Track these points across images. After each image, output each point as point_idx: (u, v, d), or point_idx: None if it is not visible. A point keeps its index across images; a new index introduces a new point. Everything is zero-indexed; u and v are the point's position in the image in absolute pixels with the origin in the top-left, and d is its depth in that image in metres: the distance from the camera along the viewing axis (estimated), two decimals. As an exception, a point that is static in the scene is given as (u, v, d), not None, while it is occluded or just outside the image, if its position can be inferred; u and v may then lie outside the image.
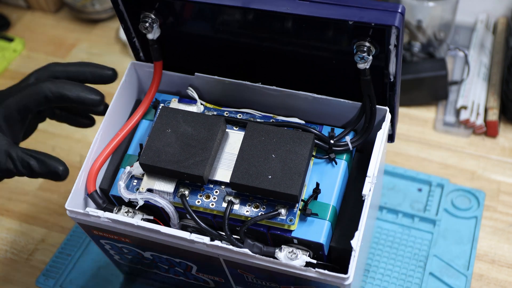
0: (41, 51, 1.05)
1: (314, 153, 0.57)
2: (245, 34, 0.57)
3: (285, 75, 0.59)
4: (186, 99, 0.61)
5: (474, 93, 0.89)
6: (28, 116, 0.57)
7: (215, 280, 0.62)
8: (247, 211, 0.54)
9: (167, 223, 0.58)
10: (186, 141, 0.55)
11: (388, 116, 0.57)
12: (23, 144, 0.61)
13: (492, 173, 0.82)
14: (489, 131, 0.86)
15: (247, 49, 0.58)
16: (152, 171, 0.55)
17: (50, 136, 0.90)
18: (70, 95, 0.56)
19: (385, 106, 0.57)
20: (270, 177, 0.52)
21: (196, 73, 0.60)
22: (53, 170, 0.54)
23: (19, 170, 0.54)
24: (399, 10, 0.49)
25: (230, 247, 0.52)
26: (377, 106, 0.57)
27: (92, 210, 0.54)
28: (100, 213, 0.54)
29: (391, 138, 0.62)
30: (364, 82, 0.54)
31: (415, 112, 0.90)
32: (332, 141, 0.56)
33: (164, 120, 0.56)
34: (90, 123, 0.66)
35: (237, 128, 0.58)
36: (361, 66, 0.52)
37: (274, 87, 0.58)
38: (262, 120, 0.59)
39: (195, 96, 0.60)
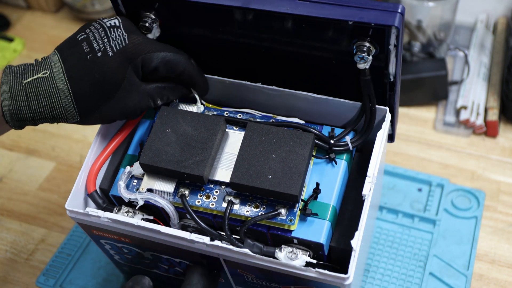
0: (41, 51, 1.05)
1: (314, 153, 0.57)
2: (245, 34, 0.57)
3: (285, 75, 0.59)
4: (186, 99, 0.61)
5: (474, 93, 0.89)
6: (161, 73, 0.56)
7: (215, 280, 0.62)
8: (247, 211, 0.54)
9: (167, 223, 0.58)
10: (186, 141, 0.55)
11: (388, 116, 0.57)
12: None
13: (492, 173, 0.82)
14: (489, 131, 0.86)
15: (247, 49, 0.58)
16: (152, 171, 0.55)
17: (50, 136, 0.90)
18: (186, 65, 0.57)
19: (385, 106, 0.57)
20: (270, 177, 0.52)
21: (196, 73, 0.60)
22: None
23: (157, 103, 0.57)
24: (399, 10, 0.49)
25: (230, 247, 0.52)
26: (377, 106, 0.57)
27: (92, 210, 0.54)
28: (100, 213, 0.54)
29: (391, 138, 0.62)
30: (364, 82, 0.54)
31: (415, 112, 0.90)
32: (332, 141, 0.56)
33: (164, 120, 0.56)
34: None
35: (237, 128, 0.58)
36: (361, 66, 0.52)
37: (274, 87, 0.58)
38: (262, 120, 0.59)
39: (195, 96, 0.60)
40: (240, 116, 0.59)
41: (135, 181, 0.57)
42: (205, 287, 0.57)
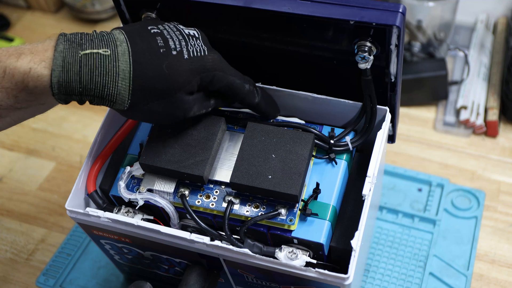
0: (41, 51, 1.05)
1: (314, 153, 0.57)
2: (246, 34, 0.57)
3: (286, 75, 0.59)
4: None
5: (474, 93, 0.89)
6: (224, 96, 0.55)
7: (215, 280, 0.62)
8: (247, 211, 0.54)
9: (167, 223, 0.58)
10: (186, 141, 0.55)
11: (388, 116, 0.57)
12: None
13: (492, 173, 0.82)
14: (489, 131, 0.86)
15: (248, 49, 0.58)
16: (152, 171, 0.55)
17: (50, 136, 0.90)
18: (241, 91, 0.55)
19: (385, 106, 0.57)
20: (270, 177, 0.52)
21: (196, 73, 0.60)
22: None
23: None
24: (400, 10, 0.49)
25: (230, 247, 0.52)
26: (377, 106, 0.57)
27: (92, 210, 0.54)
28: (100, 213, 0.54)
29: (391, 138, 0.62)
30: (365, 82, 0.54)
31: (415, 112, 0.90)
32: (332, 141, 0.56)
33: (164, 120, 0.56)
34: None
35: (237, 128, 0.58)
36: (362, 66, 0.52)
37: (274, 87, 0.58)
38: (262, 120, 0.59)
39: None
40: (240, 116, 0.59)
41: (135, 181, 0.57)
42: (202, 287, 0.57)
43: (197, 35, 0.52)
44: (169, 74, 0.49)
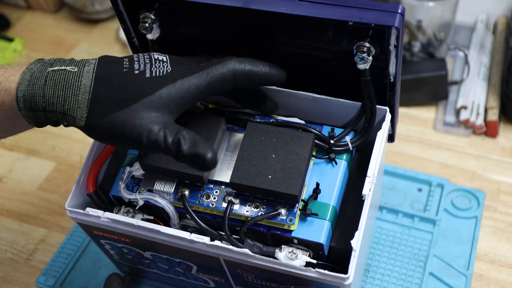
0: (41, 51, 1.05)
1: (314, 153, 0.57)
2: (245, 34, 0.57)
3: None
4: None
5: (474, 93, 0.89)
6: (207, 95, 0.52)
7: (215, 280, 0.62)
8: (247, 211, 0.54)
9: (167, 223, 0.58)
10: (186, 141, 0.55)
11: (388, 116, 0.57)
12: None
13: (492, 173, 0.82)
14: (489, 131, 0.86)
15: (247, 50, 0.58)
16: (152, 171, 0.55)
17: (50, 136, 0.90)
18: (258, 70, 0.52)
19: (385, 106, 0.57)
20: (270, 177, 0.52)
21: (196, 73, 0.60)
22: (202, 154, 0.48)
23: (168, 145, 0.49)
24: (399, 11, 0.49)
25: (230, 247, 0.52)
26: (377, 106, 0.57)
27: (92, 210, 0.54)
28: (100, 213, 0.54)
29: (391, 138, 0.62)
30: (364, 83, 0.54)
31: (415, 112, 0.90)
32: (332, 141, 0.56)
33: (164, 120, 0.56)
34: (276, 106, 0.59)
35: (237, 128, 0.58)
36: (361, 66, 0.52)
37: (274, 87, 0.58)
38: (262, 120, 0.59)
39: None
40: (240, 116, 0.59)
41: (135, 181, 0.57)
42: None
43: (165, 60, 0.51)
44: (128, 84, 0.49)
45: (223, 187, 0.56)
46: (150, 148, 0.49)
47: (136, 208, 0.57)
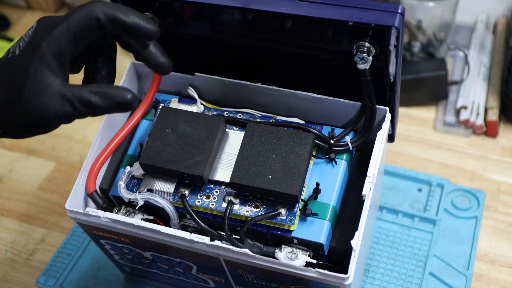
0: (41, 51, 1.05)
1: (314, 153, 0.57)
2: (245, 34, 0.57)
3: (285, 75, 0.59)
4: (186, 99, 0.61)
5: (474, 93, 0.89)
6: (79, 47, 0.48)
7: (215, 280, 0.62)
8: (247, 211, 0.54)
9: (167, 223, 0.58)
10: (186, 141, 0.55)
11: (388, 116, 0.57)
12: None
13: (492, 173, 0.82)
14: (489, 131, 0.86)
15: (247, 49, 0.58)
16: (152, 171, 0.55)
17: (50, 136, 0.90)
18: (126, 19, 0.47)
19: (385, 106, 0.57)
20: (270, 177, 0.52)
21: (196, 73, 0.60)
22: (120, 100, 0.46)
23: (79, 110, 0.46)
24: (399, 11, 0.49)
25: (230, 247, 0.52)
26: (377, 106, 0.57)
27: (92, 210, 0.54)
28: (100, 213, 0.54)
29: (391, 138, 0.62)
30: (364, 83, 0.54)
31: (415, 112, 0.90)
32: (332, 141, 0.56)
33: (164, 120, 0.56)
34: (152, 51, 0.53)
35: (237, 128, 0.58)
36: (361, 66, 0.52)
37: (274, 87, 0.58)
38: (262, 120, 0.59)
39: (195, 96, 0.60)
40: (240, 116, 0.59)
41: (135, 181, 0.57)
42: None
43: (33, 25, 0.48)
44: (5, 70, 0.46)
45: (223, 187, 0.55)
46: (64, 122, 0.47)
47: (136, 208, 0.57)
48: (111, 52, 0.53)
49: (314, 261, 0.54)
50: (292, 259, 0.53)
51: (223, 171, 0.56)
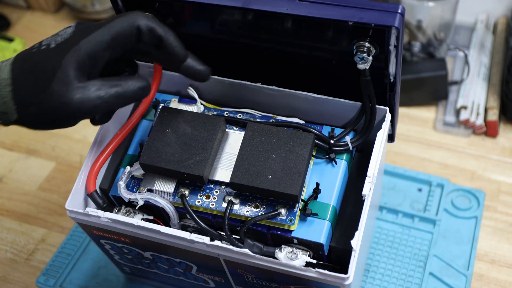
0: (41, 51, 1.05)
1: (314, 153, 0.57)
2: (245, 34, 0.57)
3: (285, 75, 0.59)
4: (186, 99, 0.61)
5: (474, 93, 0.89)
6: (115, 52, 0.50)
7: (215, 280, 0.62)
8: (247, 211, 0.54)
9: (167, 223, 0.58)
10: (186, 141, 0.55)
11: (388, 116, 0.57)
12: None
13: (492, 173, 0.82)
14: (489, 131, 0.86)
15: (247, 49, 0.58)
16: (152, 171, 0.55)
17: (50, 136, 0.90)
18: (162, 33, 0.50)
19: (385, 106, 0.57)
20: (270, 177, 0.52)
21: (196, 73, 0.60)
22: (143, 89, 0.50)
23: (108, 102, 0.49)
24: (399, 11, 0.49)
25: (230, 247, 0.52)
26: (377, 106, 0.57)
27: (92, 210, 0.54)
28: (100, 213, 0.54)
29: (391, 138, 0.62)
30: (364, 83, 0.54)
31: (415, 112, 0.90)
32: (332, 141, 0.56)
33: (164, 120, 0.56)
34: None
35: (237, 128, 0.58)
36: (361, 66, 0.52)
37: (274, 87, 0.58)
38: (262, 120, 0.59)
39: (195, 96, 0.60)
40: (240, 116, 0.59)
41: (135, 181, 0.57)
42: None
43: (70, 25, 0.50)
44: (38, 61, 0.48)
45: (223, 187, 0.55)
46: (85, 117, 0.50)
47: (136, 208, 0.57)
48: (133, 70, 0.56)
49: (314, 261, 0.54)
50: (292, 259, 0.53)
51: (223, 171, 0.56)
